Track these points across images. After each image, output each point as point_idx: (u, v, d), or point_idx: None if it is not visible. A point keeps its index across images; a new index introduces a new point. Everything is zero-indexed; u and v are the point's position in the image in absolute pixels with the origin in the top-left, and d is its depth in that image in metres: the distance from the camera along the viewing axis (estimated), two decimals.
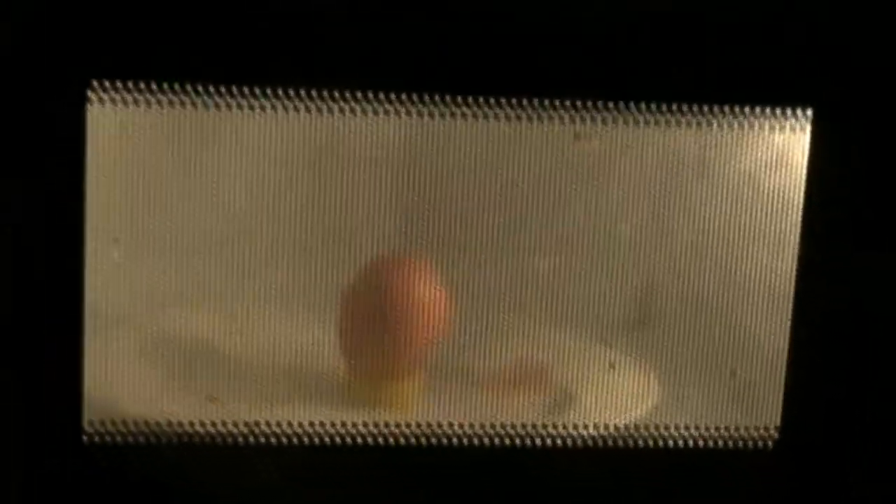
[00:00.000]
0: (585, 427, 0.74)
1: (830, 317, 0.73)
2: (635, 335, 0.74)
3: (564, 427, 0.73)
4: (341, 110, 0.68)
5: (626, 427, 0.74)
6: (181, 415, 0.71)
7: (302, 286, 0.71)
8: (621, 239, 0.73)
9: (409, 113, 0.69)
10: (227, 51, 0.67)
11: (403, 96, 0.68)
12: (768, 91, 0.71)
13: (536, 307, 0.73)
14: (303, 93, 0.68)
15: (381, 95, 0.68)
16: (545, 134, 0.70)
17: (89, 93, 0.66)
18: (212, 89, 0.67)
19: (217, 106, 0.67)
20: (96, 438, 0.70)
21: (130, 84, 0.66)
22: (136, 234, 0.69)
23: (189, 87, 0.67)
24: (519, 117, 0.70)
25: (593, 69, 0.70)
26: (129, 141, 0.68)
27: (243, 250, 0.70)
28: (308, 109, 0.68)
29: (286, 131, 0.69)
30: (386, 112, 0.69)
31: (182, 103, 0.67)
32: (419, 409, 0.73)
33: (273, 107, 0.68)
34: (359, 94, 0.68)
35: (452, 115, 0.69)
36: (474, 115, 0.69)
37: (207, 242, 0.70)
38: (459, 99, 0.69)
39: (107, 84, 0.66)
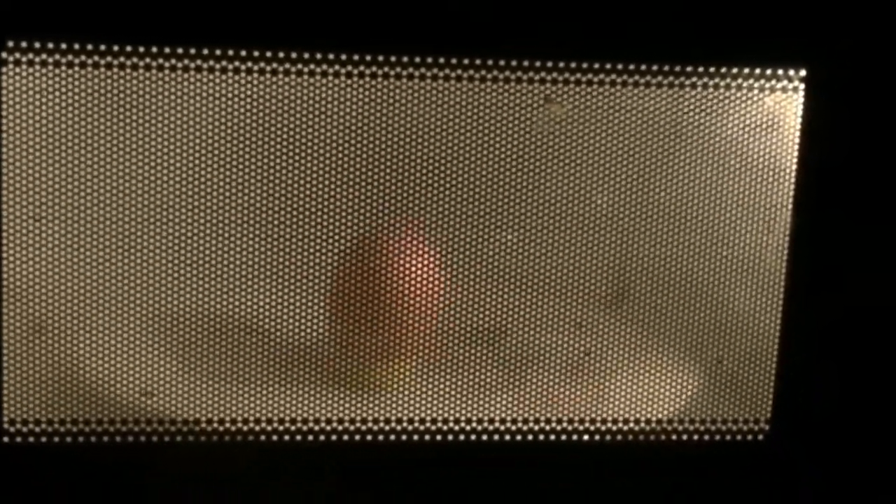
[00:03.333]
0: (567, 421, 0.68)
1: (826, 299, 0.68)
2: (612, 317, 0.68)
3: (546, 421, 0.67)
4: (292, 72, 0.62)
5: (608, 419, 0.68)
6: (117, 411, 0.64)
7: (255, 260, 0.65)
8: (596, 210, 0.66)
9: (366, 74, 0.63)
10: (157, 7, 0.60)
11: (358, 57, 0.62)
12: (758, 49, 0.65)
13: (502, 285, 0.67)
14: (255, 53, 0.62)
15: (334, 56, 0.62)
16: (513, 97, 0.64)
17: (4, 54, 0.59)
18: (142, 49, 0.60)
19: (146, 67, 0.61)
20: (17, 438, 0.64)
21: (51, 44, 0.60)
22: (59, 211, 0.62)
23: (117, 47, 0.60)
24: (485, 79, 0.63)
25: (565, 26, 0.63)
26: (48, 105, 0.61)
27: (179, 225, 0.64)
28: (258, 71, 0.62)
29: (226, 94, 0.62)
30: (340, 74, 0.62)
31: (109, 64, 0.60)
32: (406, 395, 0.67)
33: (209, 68, 0.61)
34: (315, 55, 0.62)
35: (412, 76, 0.63)
36: (436, 77, 0.63)
37: (137, 218, 0.63)
38: (420, 59, 0.63)
39: (24, 44, 0.59)
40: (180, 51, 0.61)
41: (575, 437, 0.68)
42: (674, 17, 0.64)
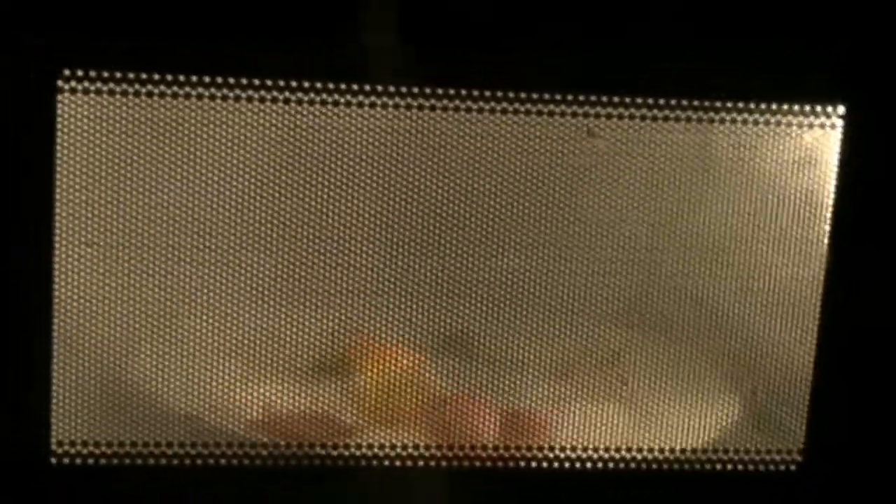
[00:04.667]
0: (595, 449, 0.68)
1: (860, 332, 0.68)
2: (648, 347, 0.69)
3: (573, 449, 0.68)
4: (335, 102, 0.63)
5: (642, 448, 0.68)
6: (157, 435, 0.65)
7: (291, 286, 0.66)
8: (636, 241, 0.67)
9: (412, 107, 0.63)
10: (205, 39, 0.61)
11: (405, 89, 0.63)
12: (797, 86, 0.66)
13: (541, 314, 0.67)
14: (292, 83, 0.62)
15: (379, 88, 0.63)
16: (557, 129, 0.65)
17: (60, 83, 0.60)
18: (192, 79, 0.61)
19: (196, 96, 0.62)
20: (65, 460, 0.64)
21: (105, 73, 0.61)
22: (111, 237, 0.63)
23: (168, 77, 0.61)
24: (529, 112, 0.64)
25: (608, 61, 0.64)
26: (102, 133, 0.62)
27: (232, 251, 0.65)
28: (297, 101, 0.63)
29: (272, 123, 0.63)
30: (385, 106, 0.63)
31: (161, 94, 0.61)
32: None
33: (260, 98, 0.62)
34: (353, 86, 0.63)
35: (457, 109, 0.64)
36: (481, 110, 0.64)
37: (187, 240, 0.64)
38: (463, 92, 0.64)
39: (80, 73, 0.60)
40: (231, 81, 0.62)
41: (610, 465, 0.69)
42: (714, 52, 0.65)
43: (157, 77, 0.61)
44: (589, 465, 0.69)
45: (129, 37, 0.61)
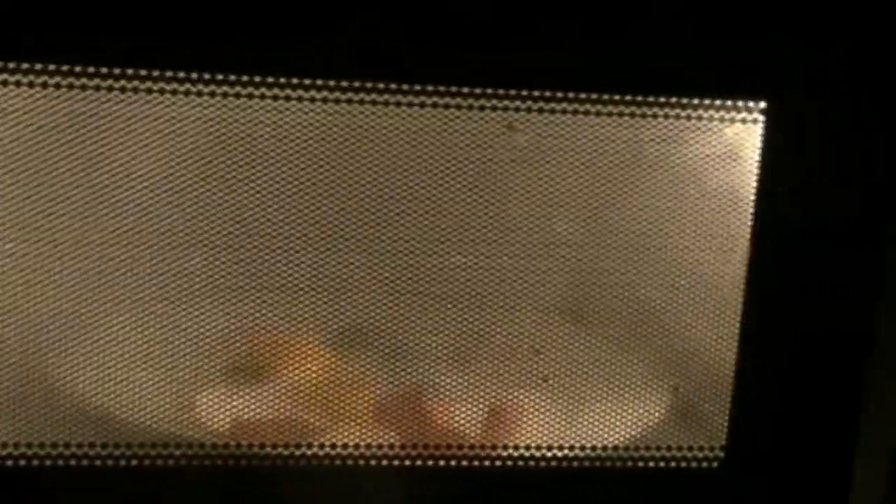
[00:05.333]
0: (516, 447, 0.68)
1: (781, 328, 0.68)
2: (571, 343, 0.68)
3: (494, 448, 0.67)
4: (254, 96, 0.62)
5: (564, 446, 0.68)
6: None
7: (215, 283, 0.64)
8: (560, 237, 0.67)
9: (328, 100, 0.62)
10: (125, 32, 0.60)
11: (320, 83, 0.62)
12: (719, 81, 0.65)
13: (463, 309, 0.67)
14: (207, 76, 0.61)
15: (295, 81, 0.62)
16: (477, 124, 0.64)
17: None
18: (111, 71, 0.60)
19: (114, 89, 0.60)
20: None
21: (17, 65, 0.59)
22: (27, 233, 0.62)
23: (85, 70, 0.59)
24: (448, 106, 0.63)
25: (528, 55, 0.63)
26: (15, 128, 0.60)
27: (148, 247, 0.63)
28: (213, 94, 0.61)
29: (189, 118, 0.62)
30: (301, 99, 0.62)
31: (79, 86, 0.60)
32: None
33: (174, 91, 0.61)
34: (271, 80, 0.61)
35: (375, 102, 0.62)
36: (399, 104, 0.63)
37: (106, 240, 0.63)
38: (382, 86, 0.62)
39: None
40: (155, 74, 0.60)
41: (531, 463, 0.68)
42: (635, 47, 0.64)
43: (78, 70, 0.60)
44: (510, 462, 0.68)
45: (40, 30, 0.59)
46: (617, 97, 0.64)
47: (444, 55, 0.63)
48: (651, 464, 0.69)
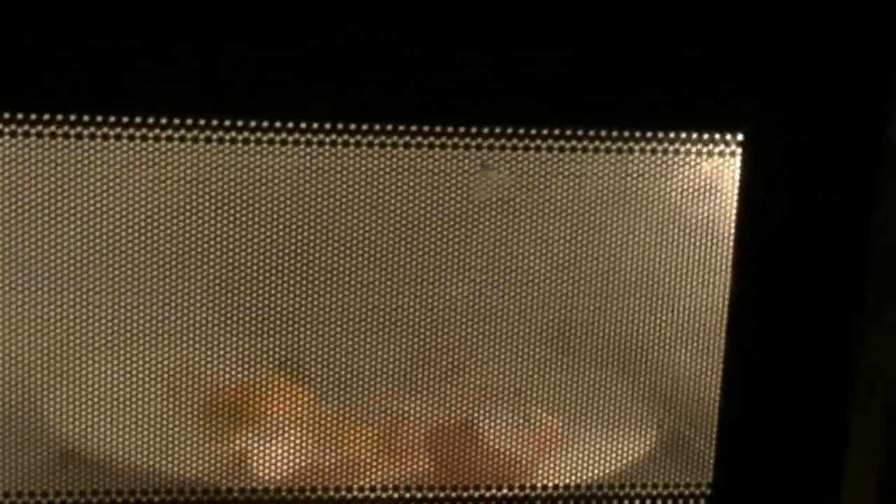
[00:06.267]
0: (506, 488, 0.67)
1: (765, 360, 0.67)
2: (553, 379, 0.68)
3: (487, 487, 0.67)
4: (234, 140, 0.61)
5: (548, 485, 0.67)
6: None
7: (194, 324, 0.64)
8: (538, 274, 0.66)
9: (299, 142, 0.62)
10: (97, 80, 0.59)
11: (292, 125, 0.61)
12: (695, 114, 0.65)
13: (441, 353, 0.66)
14: (176, 121, 0.61)
15: (269, 124, 0.61)
16: (450, 163, 0.63)
17: None
18: (84, 118, 0.59)
19: (88, 136, 0.60)
20: None
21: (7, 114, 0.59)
22: (17, 277, 0.62)
23: (57, 117, 0.59)
24: (420, 145, 0.63)
25: (501, 93, 0.63)
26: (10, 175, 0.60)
27: (125, 292, 0.63)
28: (183, 139, 0.61)
29: (165, 162, 0.62)
30: (274, 142, 0.62)
31: (51, 134, 0.59)
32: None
33: (154, 137, 0.61)
34: (253, 124, 0.61)
35: (346, 143, 0.62)
36: (370, 144, 0.62)
37: (82, 284, 0.62)
38: (354, 126, 0.62)
39: None
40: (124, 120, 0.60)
41: (514, 500, 0.67)
42: (609, 82, 0.64)
43: (46, 117, 0.59)
44: (491, 500, 0.67)
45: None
46: (592, 133, 0.64)
47: (419, 92, 0.62)
48: (637, 501, 0.68)
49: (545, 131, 0.64)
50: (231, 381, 0.66)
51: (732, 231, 0.66)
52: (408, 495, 0.66)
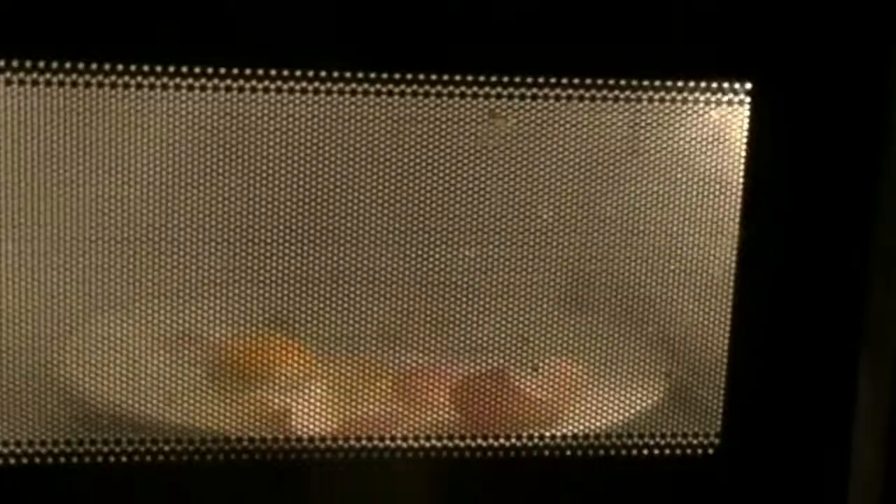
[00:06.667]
0: (514, 437, 0.67)
1: (774, 311, 0.67)
2: (561, 329, 0.68)
3: (494, 437, 0.67)
4: (241, 88, 0.61)
5: (555, 435, 0.67)
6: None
7: (222, 280, 0.64)
8: (546, 224, 0.66)
9: (307, 90, 0.62)
10: (128, 26, 0.60)
11: (301, 73, 0.62)
12: (703, 62, 0.64)
13: (449, 301, 0.66)
14: (198, 70, 0.61)
15: (284, 72, 0.61)
16: (458, 111, 0.63)
17: None
18: (116, 67, 0.60)
19: (119, 85, 0.60)
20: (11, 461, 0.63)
21: (24, 62, 0.59)
22: (31, 229, 0.62)
23: (89, 65, 0.59)
24: (428, 94, 0.63)
25: (508, 40, 0.63)
26: (12, 124, 0.60)
27: (155, 246, 0.63)
28: (205, 88, 0.61)
29: (192, 111, 0.62)
30: (290, 90, 0.62)
31: (83, 83, 0.59)
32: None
33: (178, 86, 0.61)
34: (261, 72, 0.61)
35: (354, 92, 0.62)
36: (378, 93, 0.62)
37: (113, 238, 0.63)
38: (362, 75, 0.62)
39: None
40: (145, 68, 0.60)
41: (523, 453, 0.68)
42: (617, 30, 0.64)
43: (71, 65, 0.59)
44: (501, 453, 0.67)
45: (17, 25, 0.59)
46: (599, 81, 0.64)
47: (428, 43, 0.62)
48: (646, 451, 0.69)
49: (553, 79, 0.63)
50: (245, 337, 0.67)
51: (741, 181, 0.66)
52: (428, 445, 0.67)
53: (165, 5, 0.60)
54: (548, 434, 0.68)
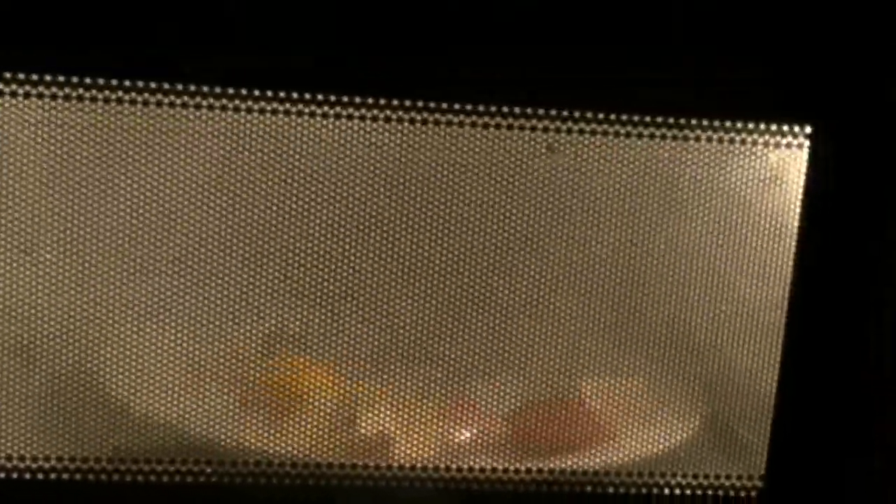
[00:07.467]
0: (560, 471, 0.67)
1: (823, 356, 0.67)
2: (609, 372, 0.68)
3: (539, 471, 0.66)
4: (289, 112, 0.61)
5: (598, 473, 0.67)
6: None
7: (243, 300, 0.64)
8: (596, 261, 0.66)
9: (367, 118, 0.62)
10: (148, 45, 0.60)
11: (358, 100, 0.61)
12: (764, 105, 0.64)
13: (498, 338, 0.66)
14: (243, 92, 0.61)
15: (334, 98, 0.61)
16: (517, 144, 0.63)
17: (1, 86, 0.59)
18: (136, 84, 0.60)
19: (140, 102, 0.60)
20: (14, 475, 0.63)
21: (47, 77, 0.59)
22: (49, 245, 0.62)
23: (110, 82, 0.59)
24: (487, 125, 0.62)
25: (570, 75, 0.63)
26: (43, 140, 0.60)
27: (179, 260, 0.63)
28: (250, 110, 0.61)
29: (226, 132, 0.61)
30: (343, 116, 0.61)
31: (104, 99, 0.60)
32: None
33: (210, 105, 0.61)
34: (308, 96, 0.61)
35: (414, 121, 0.62)
36: (439, 122, 0.62)
37: (131, 254, 0.63)
38: (422, 104, 0.62)
39: (21, 77, 0.59)
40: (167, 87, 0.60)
41: (568, 487, 0.67)
42: (680, 68, 0.63)
43: (98, 82, 0.59)
44: (546, 487, 0.67)
45: (66, 42, 0.59)
46: (660, 119, 0.63)
47: (488, 73, 0.62)
48: (689, 491, 0.68)
49: (612, 116, 0.63)
50: (283, 357, 0.66)
51: (796, 224, 0.66)
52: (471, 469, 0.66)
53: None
54: (592, 468, 0.67)
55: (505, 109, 0.62)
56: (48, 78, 0.59)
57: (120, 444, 0.64)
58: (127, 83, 0.60)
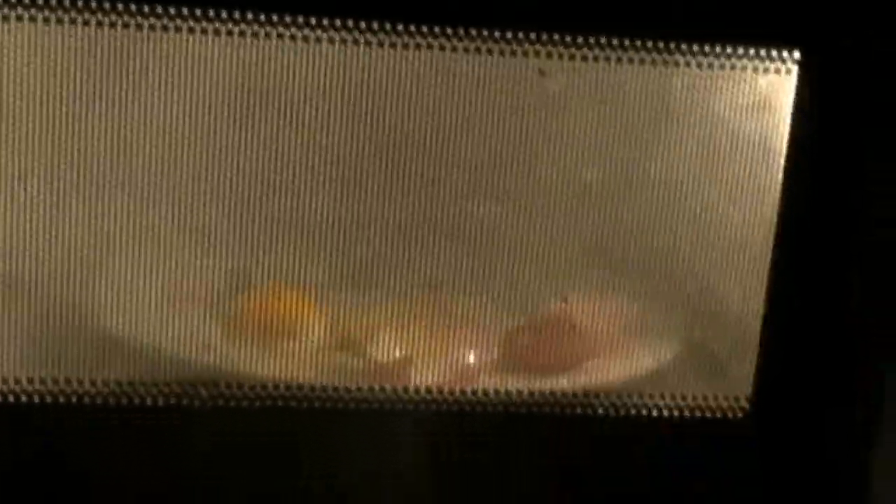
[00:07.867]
0: (549, 393, 0.68)
1: (811, 279, 0.68)
2: (598, 294, 0.68)
3: (529, 393, 0.67)
4: (282, 36, 0.61)
5: (587, 392, 0.68)
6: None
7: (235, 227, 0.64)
8: (585, 185, 0.66)
9: (356, 42, 0.62)
10: None
11: (348, 23, 0.61)
12: (752, 29, 0.64)
13: (492, 257, 0.66)
14: (249, 16, 0.61)
15: (325, 21, 0.61)
16: (507, 69, 0.63)
17: None
18: (132, 7, 0.59)
19: (137, 26, 0.60)
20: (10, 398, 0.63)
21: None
22: (44, 172, 0.62)
23: (106, 5, 0.59)
24: (479, 50, 0.63)
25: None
26: (38, 64, 0.60)
27: (172, 188, 0.63)
28: (244, 34, 0.61)
29: (219, 56, 0.61)
30: (329, 40, 0.62)
31: (99, 22, 0.59)
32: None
33: (204, 30, 0.61)
34: (300, 20, 0.61)
35: (405, 46, 0.62)
36: (429, 47, 0.62)
37: (129, 180, 0.63)
38: (412, 28, 0.62)
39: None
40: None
41: (556, 409, 0.68)
42: None
43: (93, 5, 0.59)
44: (534, 408, 0.68)
45: None
46: (650, 44, 0.64)
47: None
48: (676, 412, 0.69)
49: (602, 41, 0.63)
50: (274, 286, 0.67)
51: (785, 149, 0.66)
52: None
53: None
54: (578, 392, 0.68)
55: (497, 34, 0.63)
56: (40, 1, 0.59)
57: (115, 370, 0.65)
58: (120, 6, 0.59)
